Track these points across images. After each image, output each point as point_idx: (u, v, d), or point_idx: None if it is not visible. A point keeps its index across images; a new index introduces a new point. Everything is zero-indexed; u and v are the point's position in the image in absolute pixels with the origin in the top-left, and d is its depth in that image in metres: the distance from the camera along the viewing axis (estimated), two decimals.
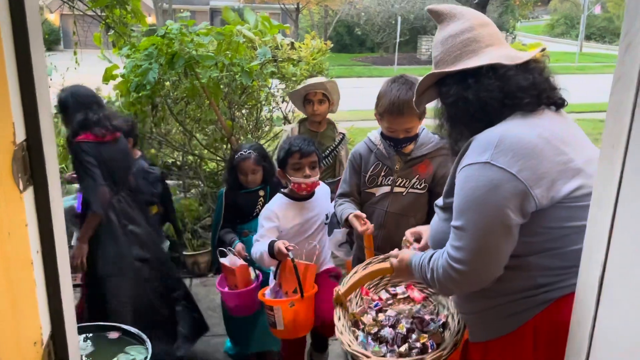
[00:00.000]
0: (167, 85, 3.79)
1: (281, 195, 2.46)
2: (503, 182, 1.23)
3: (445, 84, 1.42)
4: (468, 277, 1.29)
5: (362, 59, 20.76)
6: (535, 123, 1.33)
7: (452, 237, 1.32)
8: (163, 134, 4.20)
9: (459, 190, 1.31)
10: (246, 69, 3.39)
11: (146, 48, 3.40)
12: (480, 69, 1.35)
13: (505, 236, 1.25)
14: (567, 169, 1.28)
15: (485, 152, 1.26)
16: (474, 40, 1.39)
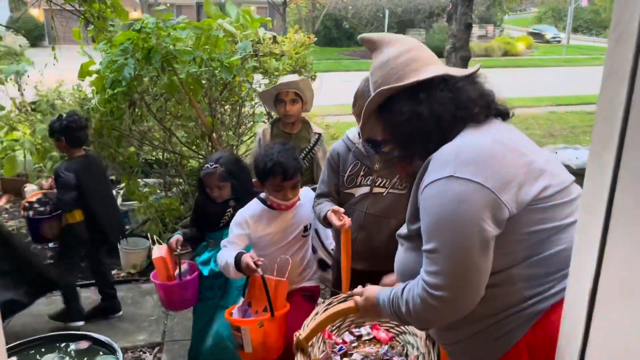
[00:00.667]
0: (145, 81, 3.67)
1: (257, 200, 2.29)
2: (471, 194, 1.15)
3: (395, 102, 1.34)
4: (449, 303, 1.18)
5: (350, 53, 20.66)
6: (487, 130, 1.28)
7: (425, 263, 1.21)
8: (142, 132, 4.08)
9: (425, 211, 1.22)
10: (226, 63, 3.28)
11: (122, 43, 3.28)
12: (431, 81, 1.29)
13: (483, 251, 1.16)
14: (530, 170, 1.21)
15: (446, 167, 1.19)
16: (413, 59, 1.34)
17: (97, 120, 3.57)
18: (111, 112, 3.45)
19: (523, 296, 1.21)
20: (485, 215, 1.15)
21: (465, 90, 1.29)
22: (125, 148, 4.00)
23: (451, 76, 1.30)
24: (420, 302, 1.22)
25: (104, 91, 3.37)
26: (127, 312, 3.38)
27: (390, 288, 1.39)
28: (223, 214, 2.55)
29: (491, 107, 1.33)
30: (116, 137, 3.75)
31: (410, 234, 1.34)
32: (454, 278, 1.17)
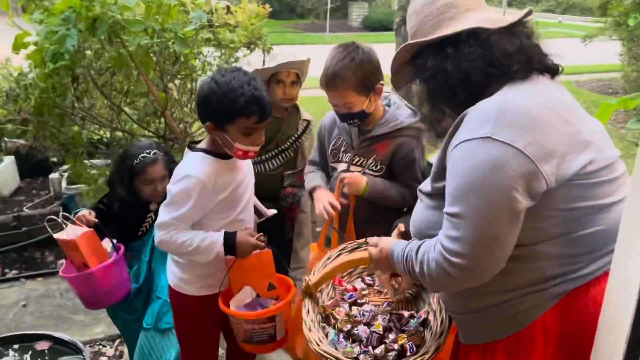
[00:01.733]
0: (89, 54, 3.38)
1: (201, 154, 1.80)
2: (508, 160, 1.06)
3: (421, 57, 1.27)
4: (467, 272, 1.12)
5: (293, 26, 20.31)
6: (535, 90, 1.17)
7: (446, 226, 1.14)
8: (87, 109, 3.78)
9: (454, 172, 1.13)
10: (180, 34, 3.06)
11: (62, 12, 2.98)
12: (458, 35, 1.19)
13: (511, 223, 1.08)
14: (575, 141, 1.12)
15: (484, 125, 1.10)
16: (451, 5, 1.25)
17: (36, 97, 3.25)
18: (53, 88, 3.15)
19: (545, 275, 1.14)
20: (520, 185, 1.06)
21: (500, 45, 1.19)
22: (68, 127, 3.70)
23: (484, 29, 1.19)
24: (435, 267, 1.16)
25: (43, 65, 3.06)
26: (80, 304, 3.15)
27: (405, 242, 1.33)
28: (144, 220, 2.23)
29: (533, 63, 1.22)
30: (58, 115, 3.45)
31: (433, 192, 1.27)
32: (475, 247, 1.09)
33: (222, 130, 1.73)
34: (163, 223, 1.77)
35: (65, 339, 1.88)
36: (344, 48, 2.00)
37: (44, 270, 3.51)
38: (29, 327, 2.85)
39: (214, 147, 1.81)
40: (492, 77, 1.19)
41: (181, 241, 1.76)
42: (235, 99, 1.66)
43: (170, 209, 1.77)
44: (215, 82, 1.70)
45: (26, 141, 4.37)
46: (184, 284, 1.92)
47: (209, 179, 1.75)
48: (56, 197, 4.59)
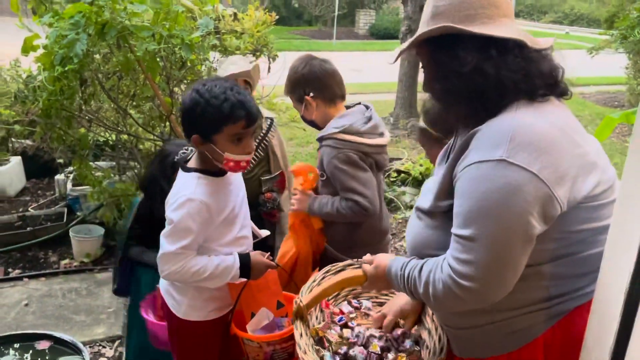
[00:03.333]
0: (97, 58, 3.42)
1: (192, 175, 1.70)
2: (524, 184, 1.04)
3: (460, 47, 1.15)
4: (477, 294, 1.11)
5: (300, 33, 20.38)
6: (545, 111, 1.15)
7: (456, 247, 1.12)
8: (93, 112, 3.83)
9: (466, 193, 1.11)
10: (187, 41, 3.10)
11: (72, 16, 3.02)
12: (506, 41, 1.14)
13: (525, 248, 1.08)
14: (584, 163, 1.12)
15: (498, 147, 1.07)
16: (493, 3, 1.16)
17: (44, 100, 3.30)
18: (61, 91, 3.20)
19: (549, 294, 1.15)
20: (535, 209, 1.05)
21: (538, 64, 1.16)
22: (75, 129, 3.74)
23: (526, 44, 1.15)
24: (442, 288, 1.14)
25: (52, 68, 3.11)
26: (82, 304, 3.20)
27: (402, 259, 1.30)
28: None
29: (556, 87, 1.20)
30: (66, 117, 3.49)
31: (435, 211, 1.24)
32: (487, 271, 1.08)
33: (209, 141, 1.64)
34: (170, 254, 1.65)
35: (65, 339, 1.90)
36: (297, 60, 2.16)
37: (47, 270, 3.55)
38: (31, 327, 2.88)
39: (205, 165, 1.72)
40: (518, 91, 1.15)
41: (194, 270, 1.67)
42: (220, 105, 1.59)
43: (176, 238, 1.65)
44: (197, 92, 1.62)
45: (33, 142, 4.43)
46: (192, 310, 1.84)
47: (211, 200, 1.67)
48: (61, 198, 4.63)
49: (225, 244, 1.76)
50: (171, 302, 1.86)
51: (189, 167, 1.73)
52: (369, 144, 2.07)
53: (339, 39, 18.45)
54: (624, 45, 8.31)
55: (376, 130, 2.11)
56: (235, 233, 1.79)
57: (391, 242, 2.46)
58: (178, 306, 1.84)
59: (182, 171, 1.74)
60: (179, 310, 1.84)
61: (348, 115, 2.11)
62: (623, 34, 8.13)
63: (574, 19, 27.51)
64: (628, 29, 8.00)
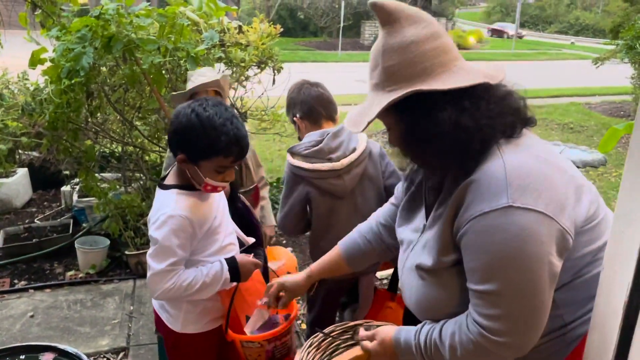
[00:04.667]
0: (104, 71, 3.46)
1: (176, 190, 1.69)
2: (537, 225, 1.01)
3: (435, 107, 1.09)
4: (513, 347, 1.07)
5: (305, 44, 20.51)
6: (524, 145, 1.13)
7: (479, 304, 1.07)
8: (100, 124, 3.87)
9: (481, 247, 1.06)
10: (192, 54, 3.13)
11: (78, 30, 3.06)
12: (474, 89, 1.09)
13: (551, 288, 1.05)
14: (576, 188, 1.11)
15: (500, 195, 1.03)
16: (443, 50, 1.11)
17: (51, 112, 3.33)
18: (67, 104, 3.23)
19: (564, 321, 1.13)
20: (552, 248, 1.03)
21: (507, 102, 1.13)
22: (81, 141, 3.78)
23: (493, 85, 1.11)
24: (474, 349, 1.09)
25: (59, 81, 3.14)
26: (87, 316, 3.20)
27: (409, 328, 1.24)
28: None
29: (527, 120, 1.17)
30: (72, 129, 3.52)
31: (439, 267, 1.18)
32: (520, 322, 1.05)
33: (194, 164, 1.63)
34: (161, 272, 1.64)
35: (69, 351, 1.90)
36: (292, 84, 2.27)
37: (53, 281, 3.56)
38: (36, 338, 2.88)
39: (184, 180, 1.70)
40: (498, 135, 1.11)
41: (186, 284, 1.67)
42: (217, 137, 1.57)
43: (163, 256, 1.63)
44: (196, 115, 1.58)
45: (40, 154, 4.48)
46: (189, 323, 1.82)
47: (193, 214, 1.66)
48: (67, 210, 4.67)
49: (212, 254, 1.76)
50: (166, 316, 1.86)
51: (167, 185, 1.72)
52: (304, 168, 2.07)
53: (344, 49, 18.55)
54: (630, 55, 8.31)
55: (320, 154, 2.06)
56: (221, 242, 1.79)
57: None
58: (174, 320, 1.84)
59: (159, 189, 1.73)
60: (175, 324, 1.84)
61: (308, 136, 2.13)
62: (628, 44, 8.14)
63: (579, 29, 27.56)
64: (633, 39, 8.01)
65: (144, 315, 3.20)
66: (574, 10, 29.12)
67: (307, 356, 1.45)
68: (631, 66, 8.87)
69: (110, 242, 3.79)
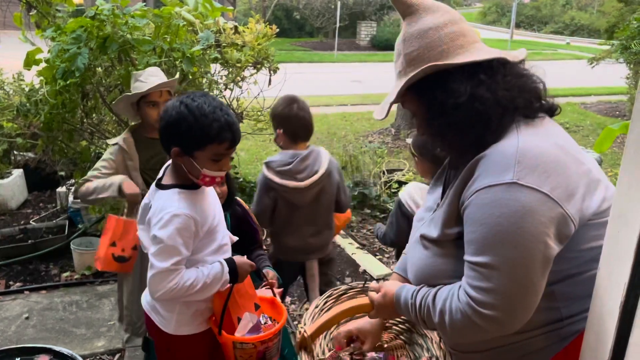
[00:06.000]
0: (99, 71, 3.45)
1: (177, 190, 1.69)
2: (537, 205, 1.03)
3: (452, 80, 1.15)
4: (498, 323, 1.08)
5: (301, 44, 20.50)
6: (544, 130, 1.15)
7: (472, 276, 1.10)
8: (95, 124, 3.85)
9: (479, 219, 1.08)
10: (188, 54, 3.12)
11: (74, 30, 3.05)
12: (491, 62, 1.14)
13: (544, 271, 1.06)
14: (590, 180, 1.12)
15: (507, 171, 1.06)
16: (461, 34, 1.17)
17: (46, 113, 3.32)
18: (63, 104, 3.22)
19: (561, 315, 1.13)
20: (551, 230, 1.05)
21: (525, 79, 1.16)
22: (76, 142, 3.76)
23: (511, 61, 1.16)
24: (461, 318, 1.11)
25: (54, 82, 3.13)
26: (82, 317, 3.19)
27: (411, 287, 1.28)
28: None
29: (543, 99, 1.21)
30: (67, 130, 3.51)
31: (443, 239, 1.21)
32: (508, 298, 1.06)
33: (189, 156, 1.64)
34: (164, 272, 1.63)
35: (64, 353, 1.89)
36: (281, 98, 2.58)
37: (48, 283, 3.54)
38: (31, 340, 2.87)
39: (182, 180, 1.71)
40: (515, 110, 1.14)
41: (188, 284, 1.66)
42: (209, 125, 1.59)
43: (167, 255, 1.63)
44: (185, 106, 1.60)
45: (35, 155, 4.46)
46: (181, 325, 1.82)
47: (196, 213, 1.67)
48: (63, 211, 4.65)
49: (211, 253, 1.77)
50: (158, 319, 1.84)
51: (166, 184, 1.72)
52: (275, 181, 2.47)
53: (341, 50, 18.54)
54: (625, 55, 8.33)
55: (289, 173, 2.47)
56: (219, 241, 1.80)
57: None
58: (167, 322, 1.82)
59: (159, 190, 1.72)
60: (168, 326, 1.82)
61: (281, 154, 2.52)
62: (623, 44, 8.16)
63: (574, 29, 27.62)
64: (628, 39, 8.03)
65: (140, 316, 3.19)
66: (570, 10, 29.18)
67: (324, 304, 1.57)
68: (626, 66, 8.89)
69: None
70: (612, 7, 13.96)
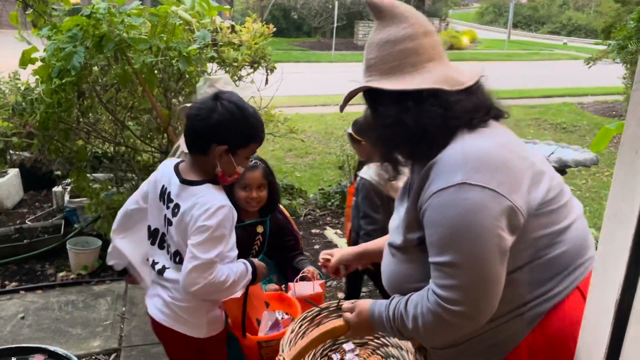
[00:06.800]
0: (95, 70, 3.44)
1: (210, 184, 1.73)
2: (487, 201, 1.11)
3: (381, 103, 1.26)
4: (467, 317, 1.14)
5: (299, 44, 20.49)
6: (487, 133, 1.23)
7: (437, 275, 1.16)
8: (91, 124, 3.84)
9: (437, 222, 1.15)
10: (184, 53, 3.11)
11: (70, 29, 3.04)
12: (420, 91, 1.21)
13: (502, 261, 1.13)
14: (534, 173, 1.20)
15: (455, 173, 1.14)
16: (414, 52, 1.24)
17: (42, 112, 3.31)
18: (58, 104, 3.21)
19: (524, 300, 1.20)
20: (502, 223, 1.11)
21: (459, 105, 1.22)
22: (72, 141, 3.75)
23: (444, 91, 1.21)
24: (433, 318, 1.16)
25: (50, 81, 3.12)
26: (78, 317, 3.18)
27: (383, 301, 1.33)
28: (252, 243, 2.18)
29: (489, 114, 1.26)
30: (63, 129, 3.50)
31: (407, 245, 1.28)
32: (473, 292, 1.12)
33: (233, 154, 1.68)
34: (207, 262, 1.62)
35: (59, 353, 1.89)
36: None
37: (44, 282, 3.53)
38: (26, 340, 2.86)
39: (206, 175, 1.74)
40: (448, 129, 1.22)
41: (223, 279, 1.66)
42: (255, 124, 1.69)
43: (212, 245, 1.63)
44: (235, 105, 1.66)
45: (31, 154, 4.44)
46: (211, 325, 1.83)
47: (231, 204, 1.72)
48: (59, 210, 4.63)
49: (232, 249, 1.77)
50: (186, 328, 1.80)
51: (197, 180, 1.72)
52: None
53: (338, 50, 18.54)
54: (621, 56, 8.33)
55: None
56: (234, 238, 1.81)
57: None
58: (199, 328, 1.80)
59: (192, 186, 1.71)
60: (200, 331, 1.80)
61: None
62: (620, 44, 8.16)
63: (571, 29, 27.66)
64: (625, 39, 8.03)
65: (136, 316, 3.18)
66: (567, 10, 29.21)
67: (299, 328, 1.58)
68: (623, 66, 8.91)
69: (102, 243, 3.77)
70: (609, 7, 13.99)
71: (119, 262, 1.90)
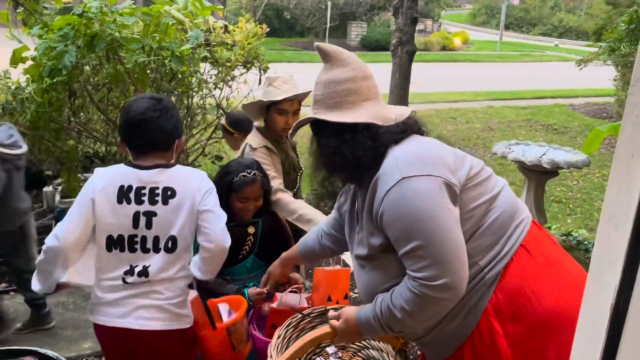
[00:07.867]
0: (87, 70, 3.41)
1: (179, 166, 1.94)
2: (427, 185, 1.28)
3: (324, 134, 1.45)
4: (450, 287, 1.25)
5: (292, 44, 20.47)
6: (412, 140, 1.43)
7: (412, 262, 1.28)
8: (83, 123, 3.81)
9: (394, 218, 1.30)
10: (177, 53, 3.10)
11: (61, 28, 3.02)
12: (356, 125, 1.40)
13: (457, 227, 1.29)
14: (456, 157, 1.39)
15: (394, 174, 1.31)
16: (354, 92, 1.43)
17: (32, 112, 3.28)
18: (49, 103, 3.18)
19: (480, 266, 1.34)
20: (446, 197, 1.29)
21: (386, 135, 1.40)
22: (63, 141, 3.72)
23: (375, 125, 1.40)
24: (420, 300, 1.27)
25: (41, 80, 3.09)
26: (69, 318, 3.16)
27: (367, 305, 1.42)
28: (243, 243, 2.18)
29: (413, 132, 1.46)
30: (54, 129, 3.47)
31: (372, 252, 1.41)
32: (446, 262, 1.25)
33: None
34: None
35: (49, 355, 1.87)
36: None
37: None
38: (16, 342, 2.83)
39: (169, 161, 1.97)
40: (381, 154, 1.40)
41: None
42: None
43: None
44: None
45: None
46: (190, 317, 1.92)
47: None
48: (49, 211, 4.59)
49: None
50: (182, 323, 1.86)
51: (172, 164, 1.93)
52: None
53: None
54: (612, 58, 8.41)
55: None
56: None
57: None
58: (189, 317, 1.87)
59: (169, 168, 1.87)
60: (190, 320, 1.87)
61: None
62: (611, 46, 8.24)
63: (562, 31, 27.84)
64: (616, 41, 8.11)
65: None
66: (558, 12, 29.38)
67: (285, 333, 1.64)
68: (614, 68, 8.98)
69: None
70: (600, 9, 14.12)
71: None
